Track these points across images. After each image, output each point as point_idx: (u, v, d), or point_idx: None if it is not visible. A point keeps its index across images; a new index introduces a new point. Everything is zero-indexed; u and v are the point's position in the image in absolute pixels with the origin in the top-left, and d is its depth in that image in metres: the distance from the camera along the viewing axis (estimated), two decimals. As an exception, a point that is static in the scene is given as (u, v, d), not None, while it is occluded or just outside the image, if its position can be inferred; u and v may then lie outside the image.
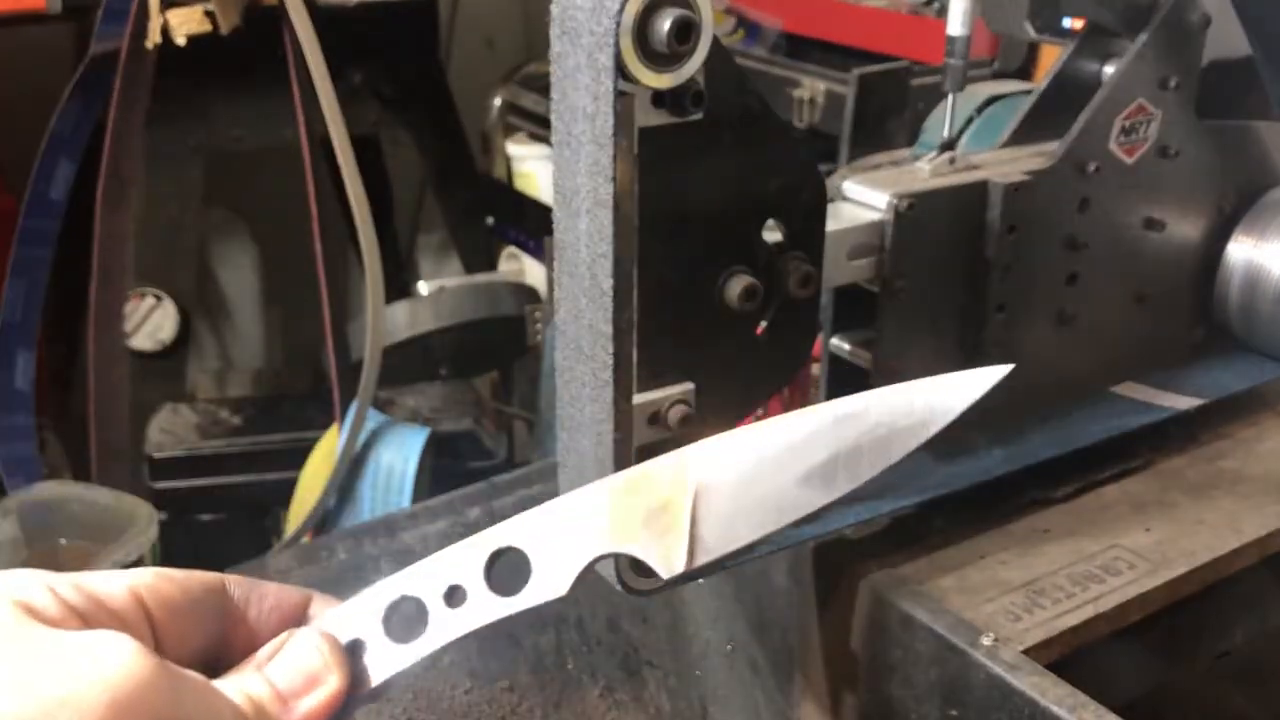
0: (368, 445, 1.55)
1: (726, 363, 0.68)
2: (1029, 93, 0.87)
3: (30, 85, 1.69)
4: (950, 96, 0.82)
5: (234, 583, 0.48)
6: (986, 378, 0.54)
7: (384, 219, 2.08)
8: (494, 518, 0.48)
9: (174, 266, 1.86)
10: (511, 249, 2.14)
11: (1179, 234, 0.88)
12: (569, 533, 0.49)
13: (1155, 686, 0.82)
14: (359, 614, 0.48)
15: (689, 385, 0.66)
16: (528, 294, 1.95)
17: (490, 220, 2.17)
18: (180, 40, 1.53)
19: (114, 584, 0.44)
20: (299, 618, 0.50)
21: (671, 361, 0.66)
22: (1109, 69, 0.84)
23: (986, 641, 0.67)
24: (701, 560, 0.50)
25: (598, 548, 0.50)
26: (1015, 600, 0.72)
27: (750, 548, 0.52)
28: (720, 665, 0.87)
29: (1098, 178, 0.81)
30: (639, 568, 0.65)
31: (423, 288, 2.05)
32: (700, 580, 0.84)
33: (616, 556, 0.51)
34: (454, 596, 0.48)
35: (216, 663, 0.47)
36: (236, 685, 0.45)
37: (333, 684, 0.46)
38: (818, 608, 0.78)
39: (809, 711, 0.80)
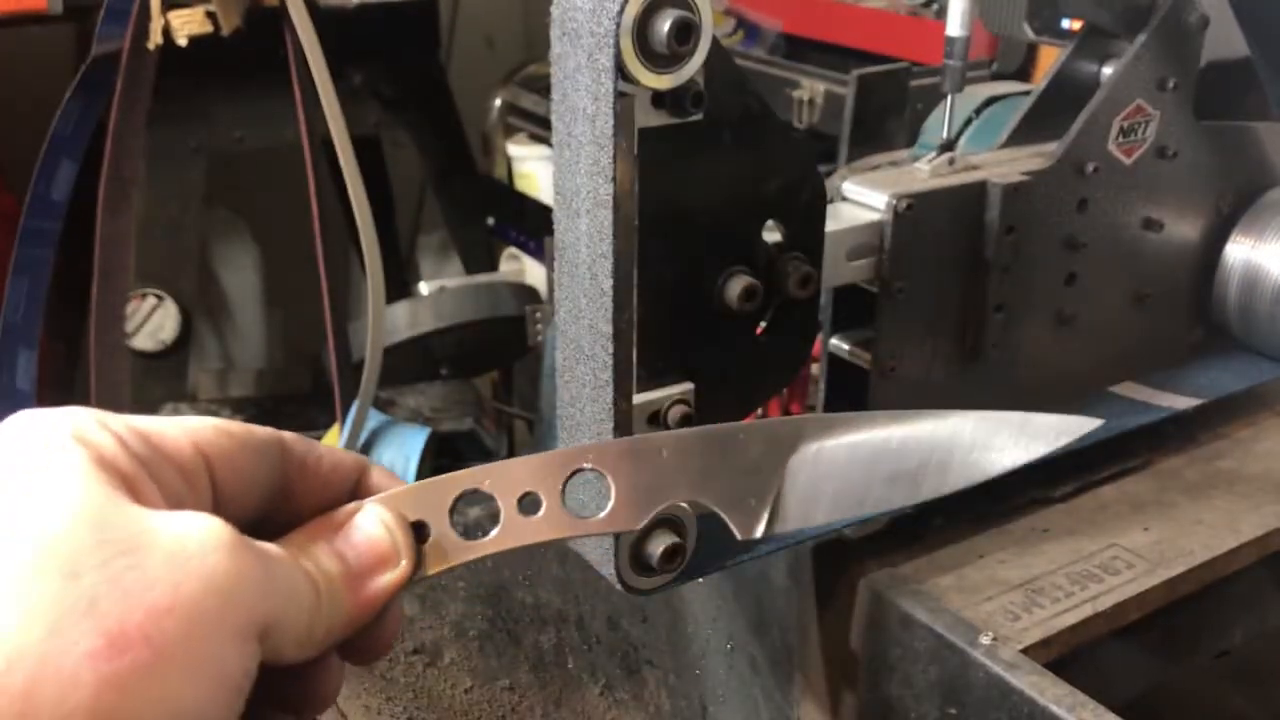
0: (368, 445, 1.56)
1: (726, 363, 0.68)
2: (1028, 94, 0.87)
3: (31, 86, 1.69)
4: (949, 97, 0.82)
5: (291, 440, 0.46)
6: (1079, 426, 0.55)
7: (385, 219, 2.08)
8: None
9: (175, 267, 1.86)
10: (512, 249, 2.14)
11: (1177, 234, 0.88)
12: (654, 469, 0.48)
13: (1154, 686, 0.82)
14: (427, 498, 0.46)
15: (689, 385, 0.66)
16: (528, 294, 1.95)
17: (490, 220, 2.17)
18: (182, 41, 1.54)
19: (175, 432, 0.41)
20: (354, 483, 0.48)
21: (671, 361, 0.66)
22: (1107, 70, 0.84)
23: (985, 640, 0.68)
24: (777, 529, 0.50)
25: (681, 492, 0.49)
26: (1014, 599, 0.73)
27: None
28: (720, 664, 0.88)
29: (1096, 178, 0.81)
30: (640, 566, 0.66)
31: (423, 288, 2.05)
32: (700, 579, 0.84)
33: (694, 505, 0.50)
34: (526, 503, 0.47)
35: (271, 521, 0.45)
36: (309, 559, 0.43)
37: (401, 568, 0.44)
38: (817, 607, 0.78)
39: (808, 710, 0.80)
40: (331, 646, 0.43)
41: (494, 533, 0.46)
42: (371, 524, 0.45)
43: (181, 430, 0.42)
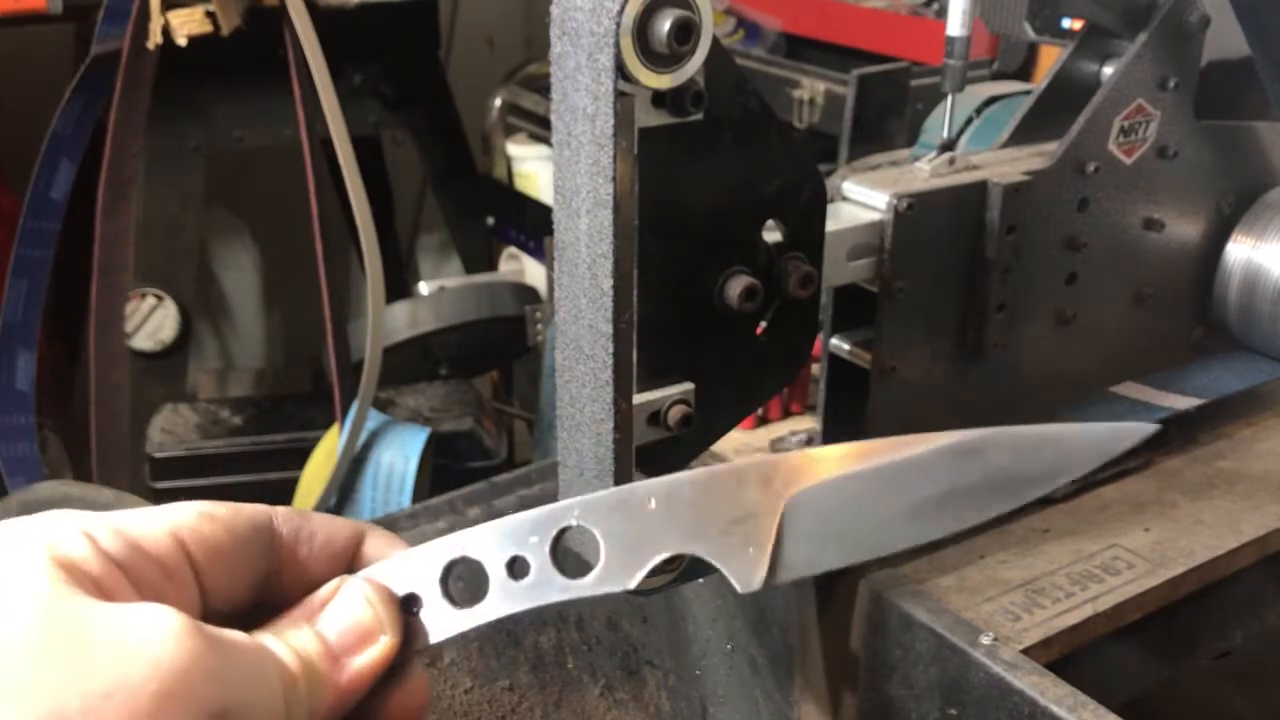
0: (368, 445, 1.56)
1: (726, 363, 0.68)
2: (1028, 93, 0.87)
3: (31, 85, 1.69)
4: (950, 97, 0.82)
5: (282, 518, 0.45)
6: (1126, 435, 0.51)
7: (384, 219, 2.09)
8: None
9: (175, 266, 1.86)
10: (511, 249, 2.14)
11: (1178, 234, 0.88)
12: (643, 523, 0.46)
13: (1154, 686, 0.82)
14: (416, 567, 0.45)
15: (689, 385, 0.66)
16: (528, 294, 1.95)
17: (490, 220, 2.17)
18: (181, 41, 1.54)
19: (155, 526, 0.41)
20: (351, 554, 0.47)
21: (671, 361, 0.66)
22: (1108, 69, 0.84)
23: (986, 641, 0.68)
24: (781, 578, 0.47)
25: (672, 545, 0.47)
26: (1014, 600, 0.72)
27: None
28: (720, 664, 0.87)
29: (1097, 178, 0.81)
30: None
31: (423, 288, 2.05)
32: (700, 580, 0.84)
33: (689, 558, 0.48)
34: (516, 568, 0.45)
35: (263, 603, 0.45)
36: (286, 640, 0.42)
37: (384, 643, 0.44)
38: (817, 607, 0.78)
39: (808, 711, 0.80)
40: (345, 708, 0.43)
41: (487, 600, 0.45)
42: (354, 600, 0.44)
43: (164, 523, 0.42)
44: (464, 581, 0.46)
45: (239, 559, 0.43)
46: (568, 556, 0.46)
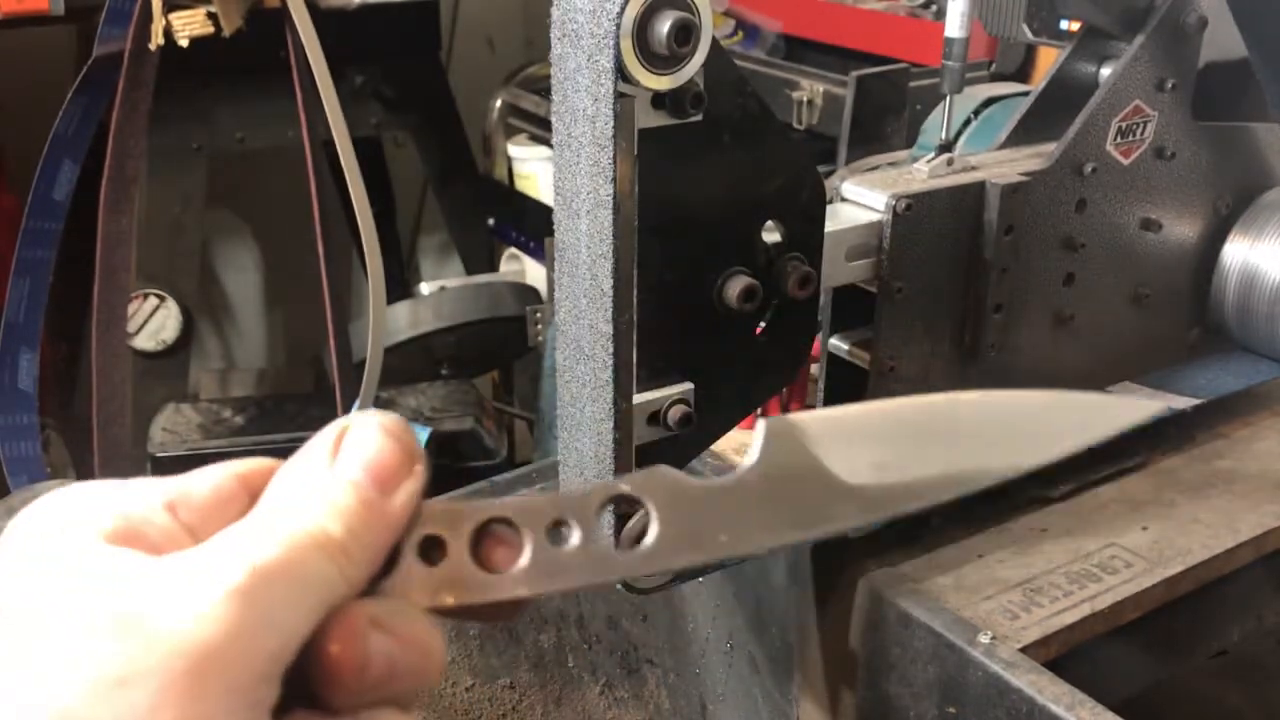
0: (369, 445, 1.55)
1: (726, 363, 0.68)
2: (1026, 94, 0.88)
3: (33, 86, 1.70)
4: (948, 98, 0.82)
5: (253, 467, 0.40)
6: (1139, 411, 0.48)
7: (385, 220, 2.09)
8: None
9: (177, 267, 1.86)
10: (512, 250, 2.14)
11: (1176, 235, 0.89)
12: (699, 514, 0.42)
13: (1152, 684, 0.82)
14: (448, 518, 0.40)
15: (689, 385, 0.67)
16: (528, 294, 1.96)
17: (491, 221, 2.17)
18: (183, 42, 1.54)
19: (205, 475, 0.39)
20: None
21: (671, 361, 0.66)
22: (1106, 71, 0.84)
23: (984, 639, 0.68)
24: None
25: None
26: (1013, 599, 0.73)
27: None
28: (719, 663, 0.88)
29: (1095, 179, 0.82)
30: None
31: (424, 288, 2.05)
32: (700, 579, 0.85)
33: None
34: (555, 536, 0.41)
35: None
36: (321, 501, 0.38)
37: (416, 480, 0.39)
38: (816, 606, 0.78)
39: (807, 709, 0.81)
40: (369, 580, 0.38)
41: (521, 564, 0.40)
42: (371, 437, 0.39)
43: (212, 472, 0.39)
44: (504, 542, 0.40)
45: (227, 513, 0.40)
46: (615, 531, 0.43)
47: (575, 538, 0.41)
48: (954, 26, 0.79)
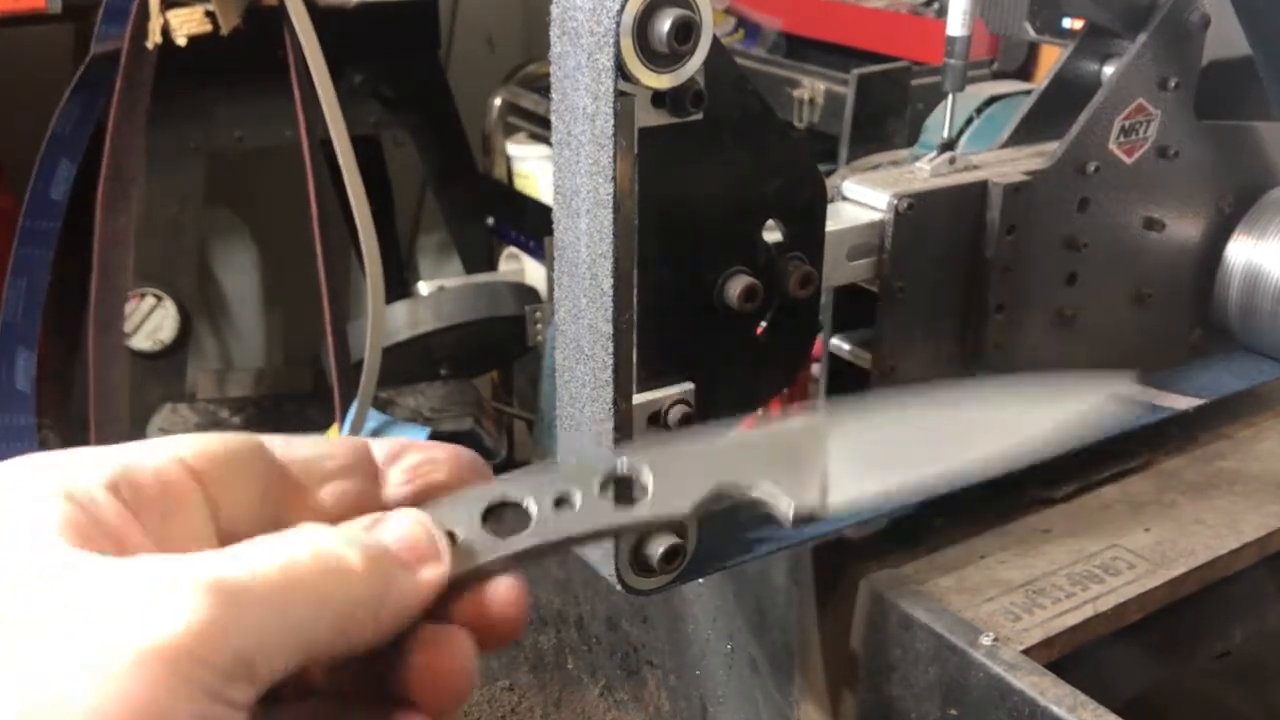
0: (368, 445, 1.55)
1: (726, 363, 0.68)
2: (1029, 93, 0.87)
3: (31, 85, 1.69)
4: (950, 97, 0.82)
5: (269, 439, 0.41)
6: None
7: (384, 219, 2.08)
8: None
9: (174, 266, 1.86)
10: (511, 249, 2.14)
11: (1178, 234, 0.88)
12: (692, 459, 0.45)
13: (1154, 686, 0.82)
14: (455, 508, 0.42)
15: (689, 385, 0.66)
16: (528, 294, 1.95)
17: (490, 220, 2.17)
18: (181, 40, 1.53)
19: (153, 451, 0.38)
20: (368, 477, 0.43)
21: (671, 361, 0.66)
22: (1108, 69, 0.84)
23: (986, 641, 0.68)
24: (833, 502, 0.47)
25: (726, 474, 0.45)
26: (1015, 600, 0.72)
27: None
28: (720, 665, 0.87)
29: (1097, 178, 0.81)
30: (640, 566, 0.65)
31: (423, 288, 2.05)
32: (700, 580, 0.84)
33: (734, 493, 0.46)
34: (560, 502, 0.43)
35: (287, 521, 0.41)
36: (345, 538, 0.38)
37: (442, 568, 0.40)
38: (817, 607, 0.78)
39: (808, 711, 0.80)
40: (382, 637, 0.38)
41: (530, 528, 0.43)
42: (405, 520, 0.41)
43: (161, 448, 0.39)
44: (510, 520, 0.43)
45: (239, 466, 0.40)
46: (614, 493, 0.44)
47: (579, 500, 0.43)
48: (956, 24, 0.79)
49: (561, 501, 0.43)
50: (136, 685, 0.31)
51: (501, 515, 0.43)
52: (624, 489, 0.45)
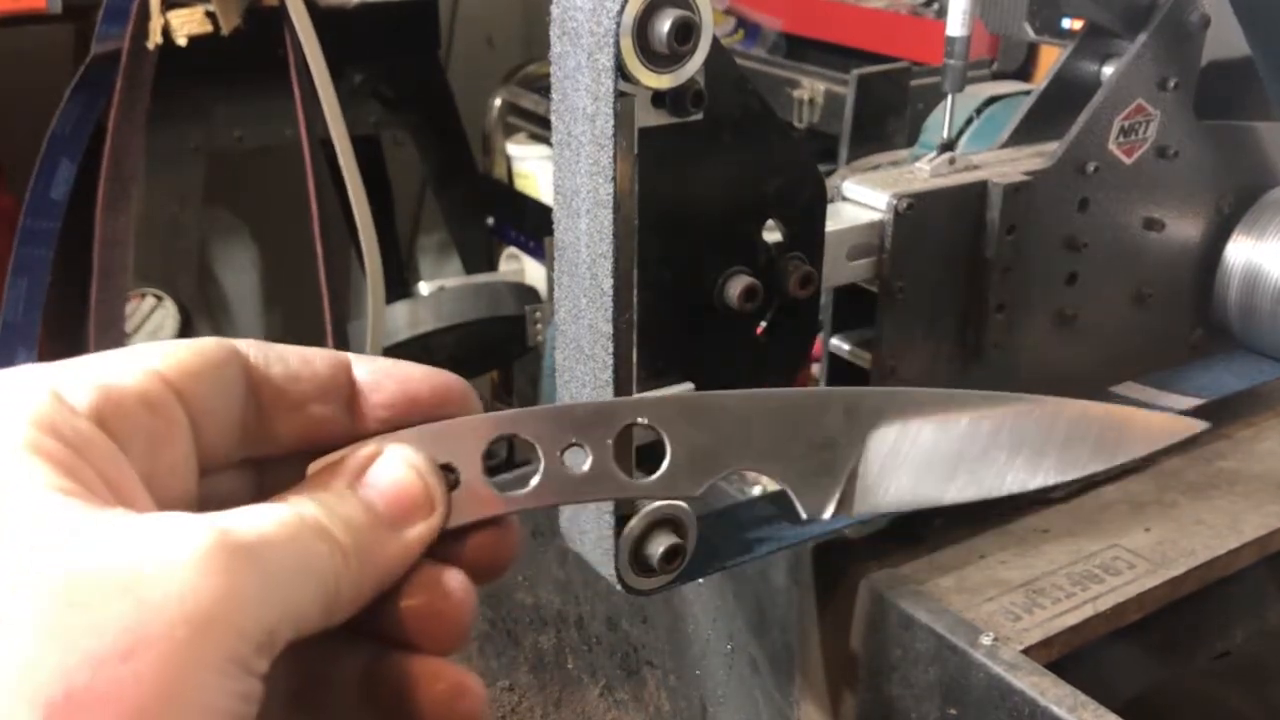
0: (368, 445, 1.55)
1: (726, 363, 0.68)
2: (1028, 93, 0.87)
3: (31, 85, 1.69)
4: (950, 97, 0.82)
5: (245, 344, 0.38)
6: (1183, 427, 0.52)
7: (384, 219, 2.08)
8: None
9: (174, 266, 1.86)
10: (511, 249, 2.14)
11: (1178, 234, 0.88)
12: (716, 432, 0.43)
13: (1154, 686, 0.82)
14: (455, 439, 0.40)
15: (689, 385, 0.66)
16: (528, 294, 1.95)
17: (490, 220, 2.17)
18: (181, 40, 1.54)
19: (130, 366, 0.35)
20: (345, 388, 0.41)
21: (671, 361, 0.66)
22: (1108, 69, 0.84)
23: (986, 641, 0.68)
24: (846, 512, 0.45)
25: (745, 461, 0.43)
26: (1015, 600, 0.72)
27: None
28: (720, 665, 0.87)
29: (1097, 178, 0.81)
30: (640, 566, 0.65)
31: (423, 288, 2.05)
32: (700, 580, 0.84)
33: (755, 476, 0.46)
34: (569, 456, 0.41)
35: (265, 464, 0.40)
36: (328, 512, 0.36)
37: (437, 516, 0.39)
38: (817, 607, 0.78)
39: (808, 711, 0.80)
40: (360, 607, 0.37)
41: (533, 484, 0.41)
42: (399, 467, 0.39)
43: (137, 360, 0.35)
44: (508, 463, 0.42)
45: (220, 385, 0.37)
46: (628, 456, 0.43)
47: (589, 459, 0.42)
48: (955, 25, 0.79)
49: (570, 451, 0.41)
50: (171, 658, 0.29)
51: (504, 452, 0.41)
52: (637, 452, 0.43)
